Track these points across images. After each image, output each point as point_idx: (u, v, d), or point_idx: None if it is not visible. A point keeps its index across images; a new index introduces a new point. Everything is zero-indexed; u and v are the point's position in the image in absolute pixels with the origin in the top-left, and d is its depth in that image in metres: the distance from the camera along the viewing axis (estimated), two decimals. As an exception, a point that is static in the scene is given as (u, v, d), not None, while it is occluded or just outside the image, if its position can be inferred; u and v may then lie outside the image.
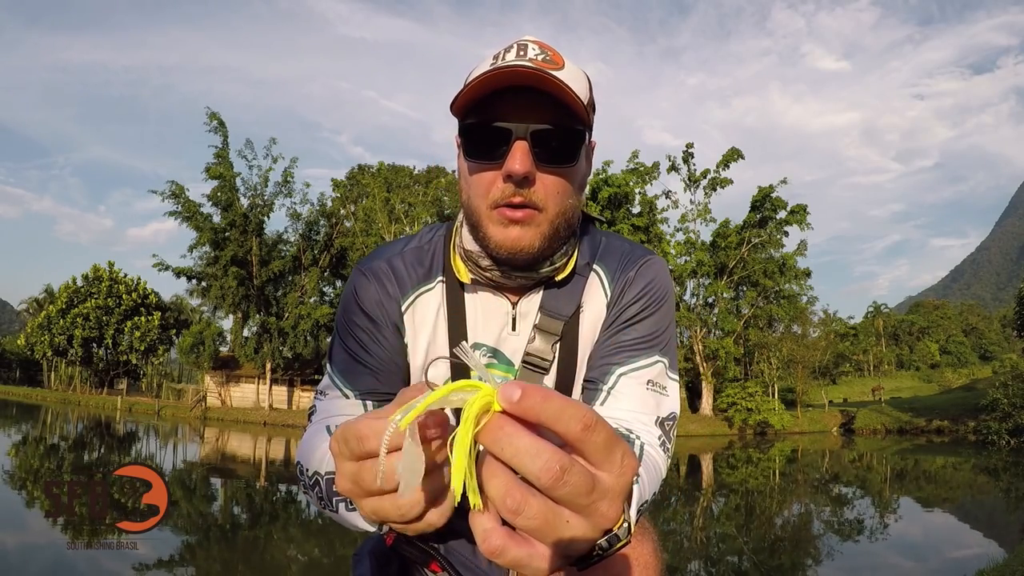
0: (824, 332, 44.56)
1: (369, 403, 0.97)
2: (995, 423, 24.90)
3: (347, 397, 0.97)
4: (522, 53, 0.86)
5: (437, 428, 0.46)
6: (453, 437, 0.41)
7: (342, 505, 0.75)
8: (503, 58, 0.87)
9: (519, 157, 0.83)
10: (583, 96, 0.86)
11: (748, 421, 28.92)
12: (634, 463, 0.43)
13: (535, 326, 0.97)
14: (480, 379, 0.42)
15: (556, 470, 0.38)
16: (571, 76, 0.86)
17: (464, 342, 0.97)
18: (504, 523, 0.42)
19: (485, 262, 0.94)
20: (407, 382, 1.01)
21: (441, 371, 1.00)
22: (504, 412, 0.40)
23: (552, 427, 0.39)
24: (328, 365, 1.02)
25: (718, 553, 8.89)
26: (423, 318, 1.00)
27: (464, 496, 0.42)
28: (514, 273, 0.94)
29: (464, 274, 0.98)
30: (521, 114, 0.84)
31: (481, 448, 0.42)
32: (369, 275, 1.00)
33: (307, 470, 0.82)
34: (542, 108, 0.84)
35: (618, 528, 0.45)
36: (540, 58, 0.86)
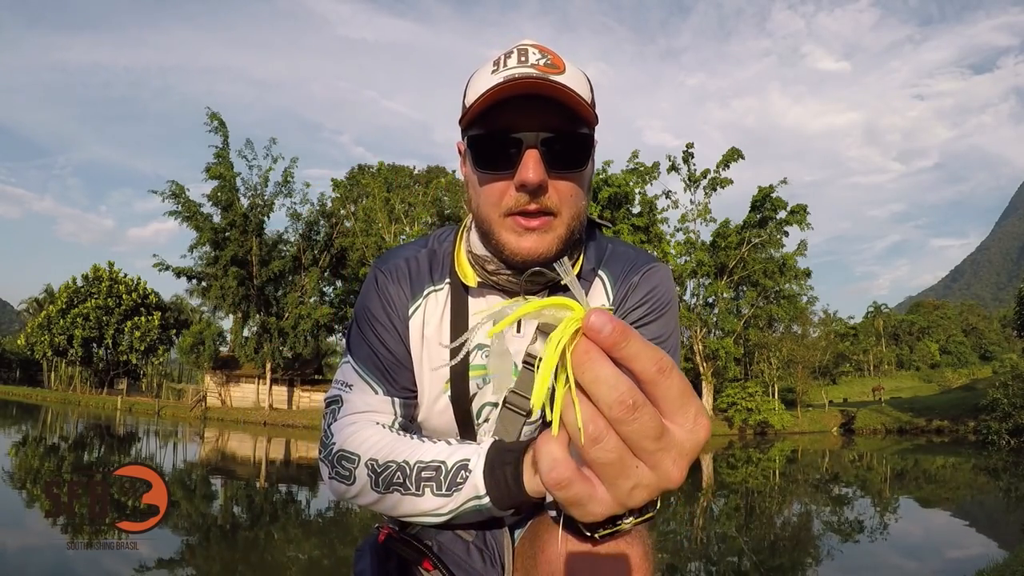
0: (824, 332, 44.61)
1: (397, 401, 1.00)
2: (995, 423, 24.86)
3: (376, 392, 0.99)
4: (523, 59, 0.86)
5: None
6: (539, 359, 0.42)
7: (428, 489, 0.85)
8: (504, 64, 0.86)
9: (532, 166, 0.83)
10: (587, 98, 0.86)
11: (748, 421, 28.91)
12: (707, 424, 0.43)
13: (538, 328, 0.97)
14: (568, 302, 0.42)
15: (629, 403, 0.39)
16: (573, 79, 0.86)
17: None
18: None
19: (491, 266, 0.95)
20: (414, 381, 1.03)
21: (441, 373, 1.01)
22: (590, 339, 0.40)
23: (629, 365, 0.40)
24: (349, 356, 1.03)
25: (718, 553, 8.89)
26: (429, 320, 1.02)
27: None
28: (522, 277, 0.94)
29: (471, 277, 0.99)
30: (529, 122, 0.84)
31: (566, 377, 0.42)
32: (387, 274, 1.03)
33: (379, 461, 0.89)
34: (549, 114, 0.83)
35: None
36: (542, 62, 0.86)
